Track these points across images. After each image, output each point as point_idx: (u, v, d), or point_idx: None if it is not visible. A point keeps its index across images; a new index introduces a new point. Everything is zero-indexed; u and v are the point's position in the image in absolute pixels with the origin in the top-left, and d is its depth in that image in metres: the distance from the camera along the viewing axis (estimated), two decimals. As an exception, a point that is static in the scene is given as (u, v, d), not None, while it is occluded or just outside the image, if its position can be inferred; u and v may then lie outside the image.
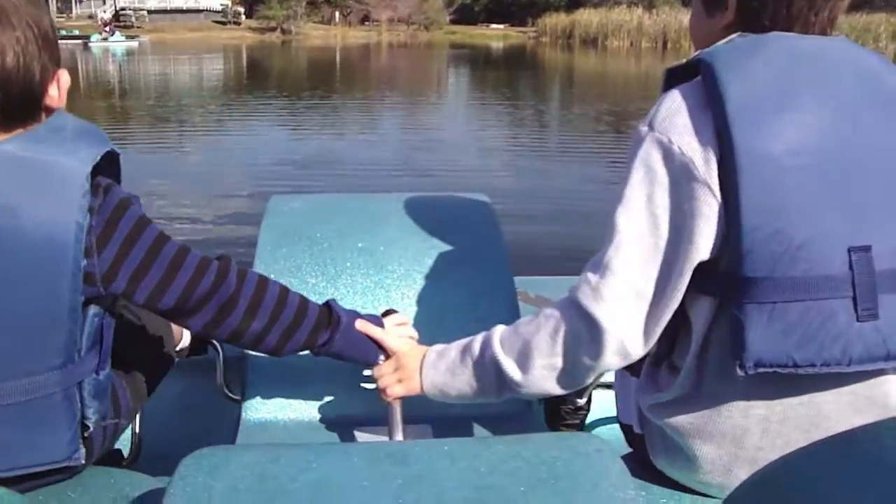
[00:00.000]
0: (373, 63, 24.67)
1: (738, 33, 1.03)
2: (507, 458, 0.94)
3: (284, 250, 1.52)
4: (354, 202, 1.72)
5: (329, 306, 1.22)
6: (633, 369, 1.21)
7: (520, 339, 1.08)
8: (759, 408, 1.02)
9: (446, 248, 1.53)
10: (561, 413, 1.55)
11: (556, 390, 1.08)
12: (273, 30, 34.79)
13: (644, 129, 1.00)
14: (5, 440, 0.98)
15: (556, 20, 33.50)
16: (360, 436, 1.34)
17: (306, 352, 1.21)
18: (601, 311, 0.99)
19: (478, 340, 1.13)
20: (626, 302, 0.99)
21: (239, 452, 0.97)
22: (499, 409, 1.36)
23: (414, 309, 1.46)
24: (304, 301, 1.19)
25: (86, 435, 1.07)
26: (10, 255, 0.97)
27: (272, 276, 1.46)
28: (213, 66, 20.97)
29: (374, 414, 1.34)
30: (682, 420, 1.07)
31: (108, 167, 1.06)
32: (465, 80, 20.09)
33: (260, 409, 1.37)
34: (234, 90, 15.69)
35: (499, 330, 1.11)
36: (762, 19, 1.02)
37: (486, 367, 1.10)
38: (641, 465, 1.17)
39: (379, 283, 1.48)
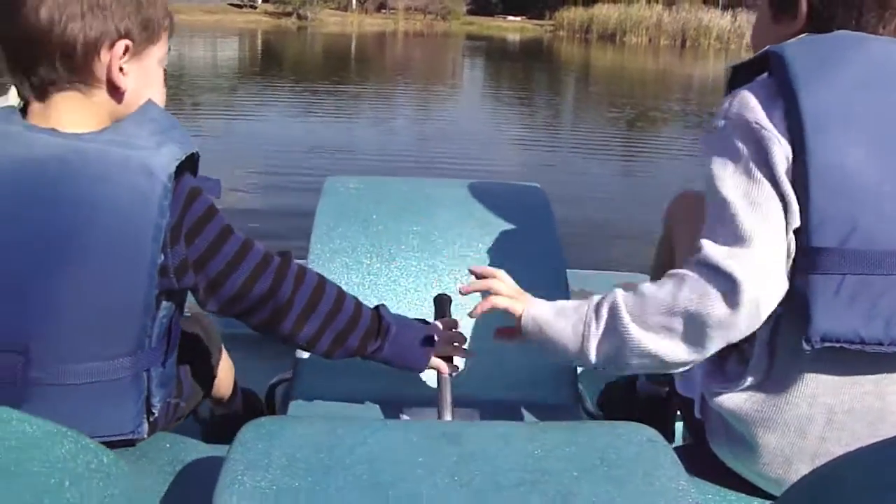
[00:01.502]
0: (390, 51, 24.64)
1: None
2: (561, 444, 0.95)
3: (341, 230, 1.54)
4: (409, 186, 1.74)
5: (380, 314, 1.23)
6: None
7: (642, 295, 1.04)
8: (825, 396, 1.03)
9: (501, 235, 1.54)
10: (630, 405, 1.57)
11: (676, 353, 1.03)
12: (289, 15, 34.71)
13: (721, 122, 1.05)
14: (78, 413, 1.02)
15: (573, 14, 33.34)
16: (409, 415, 1.35)
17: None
18: (740, 268, 0.97)
19: (595, 296, 1.09)
20: (763, 265, 0.99)
21: (297, 424, 0.99)
22: (548, 398, 1.36)
23: (466, 297, 1.47)
24: (358, 307, 1.21)
25: (152, 418, 1.11)
26: (92, 251, 1.00)
27: (328, 254, 1.49)
28: (229, 49, 20.97)
29: (423, 395, 1.35)
30: (747, 408, 1.08)
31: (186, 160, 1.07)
32: (482, 71, 20.04)
33: (310, 387, 1.38)
34: (255, 75, 15.69)
35: (619, 290, 1.08)
36: (831, 29, 1.05)
37: (600, 315, 1.06)
38: (693, 456, 1.18)
39: (433, 267, 1.49)
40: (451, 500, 0.84)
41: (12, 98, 1.10)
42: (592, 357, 1.08)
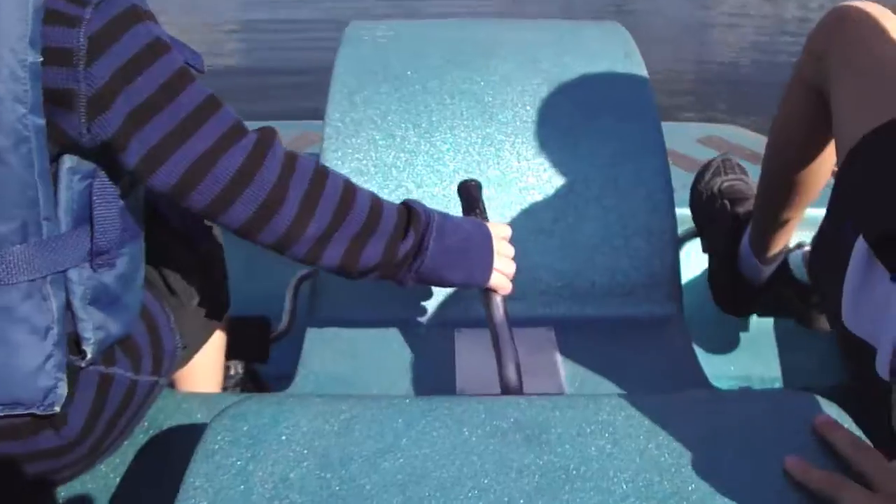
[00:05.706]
0: None
1: None
2: (689, 426, 0.66)
3: (365, 93, 1.20)
4: (455, 30, 1.38)
5: (410, 207, 0.89)
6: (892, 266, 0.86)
7: None
8: None
9: (577, 89, 1.19)
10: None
11: None
12: None
13: None
14: None
15: None
16: (460, 337, 1.05)
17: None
18: None
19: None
20: None
21: (292, 405, 0.69)
22: (639, 311, 1.06)
23: (536, 175, 1.13)
24: (377, 201, 0.88)
25: (84, 361, 0.76)
26: None
27: (351, 127, 1.15)
28: None
29: (475, 314, 1.02)
30: None
31: None
32: None
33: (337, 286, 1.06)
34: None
35: None
36: None
37: None
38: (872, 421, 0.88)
39: (488, 138, 1.16)
40: None
41: None
42: None
